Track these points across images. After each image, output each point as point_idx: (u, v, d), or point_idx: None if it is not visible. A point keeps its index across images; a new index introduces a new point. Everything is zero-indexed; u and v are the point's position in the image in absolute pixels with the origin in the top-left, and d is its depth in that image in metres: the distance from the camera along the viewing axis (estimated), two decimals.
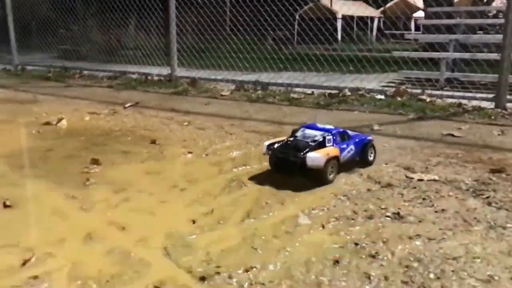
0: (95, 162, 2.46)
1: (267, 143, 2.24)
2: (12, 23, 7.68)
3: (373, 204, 1.84)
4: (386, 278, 1.29)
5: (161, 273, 1.35)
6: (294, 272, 1.33)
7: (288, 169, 2.10)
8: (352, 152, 2.20)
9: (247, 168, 2.34)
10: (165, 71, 6.06)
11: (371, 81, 5.06)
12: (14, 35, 7.77)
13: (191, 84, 5.45)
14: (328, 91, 4.58)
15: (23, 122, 3.67)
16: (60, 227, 1.67)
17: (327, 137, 2.10)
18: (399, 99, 4.17)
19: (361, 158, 2.30)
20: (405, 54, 5.92)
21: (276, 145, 2.21)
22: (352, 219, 1.70)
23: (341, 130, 2.23)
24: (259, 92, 4.88)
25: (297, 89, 4.84)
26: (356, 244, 1.50)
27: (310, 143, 2.08)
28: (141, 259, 1.42)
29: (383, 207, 1.81)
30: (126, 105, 4.30)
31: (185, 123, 3.54)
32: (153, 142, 2.93)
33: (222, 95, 4.92)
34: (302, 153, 2.02)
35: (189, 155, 2.65)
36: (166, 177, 2.26)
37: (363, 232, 1.59)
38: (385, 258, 1.40)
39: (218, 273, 1.33)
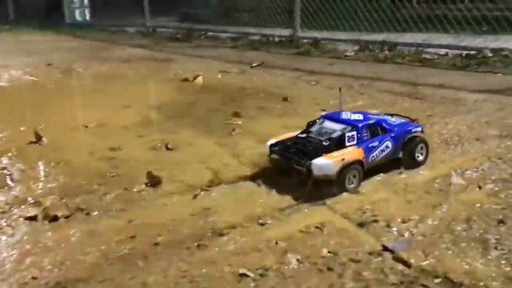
0: (237, 115, 2.62)
1: (270, 142, 1.75)
2: None
3: None
4: None
5: (318, 216, 1.42)
6: (455, 227, 1.31)
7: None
8: (388, 150, 1.68)
9: None
10: (285, 32, 6.09)
11: None
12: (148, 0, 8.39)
13: (313, 45, 5.43)
14: (465, 52, 4.21)
15: (164, 78, 4.02)
16: (216, 168, 1.84)
17: (348, 134, 1.60)
18: None
19: (405, 157, 1.76)
20: None
21: (280, 146, 1.71)
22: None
23: (374, 120, 1.70)
24: (386, 52, 4.68)
25: (428, 50, 4.54)
26: None
27: (323, 143, 1.61)
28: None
29: None
30: (253, 65, 4.45)
31: (313, 82, 3.57)
32: (285, 99, 3.01)
33: (346, 55, 4.82)
34: (307, 159, 1.55)
35: (323, 113, 2.68)
36: None
37: None
38: None
39: (375, 221, 1.36)
